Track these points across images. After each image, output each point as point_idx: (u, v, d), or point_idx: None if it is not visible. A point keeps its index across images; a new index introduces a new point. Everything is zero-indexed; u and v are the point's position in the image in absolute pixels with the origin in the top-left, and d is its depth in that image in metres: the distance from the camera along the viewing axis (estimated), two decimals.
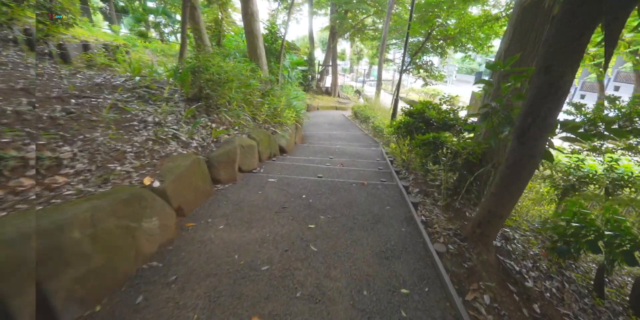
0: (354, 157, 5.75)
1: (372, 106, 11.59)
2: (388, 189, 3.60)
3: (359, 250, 2.29)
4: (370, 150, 6.45)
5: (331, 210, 2.92)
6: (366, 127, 9.71)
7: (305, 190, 3.42)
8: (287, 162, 4.94)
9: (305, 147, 6.54)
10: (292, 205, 2.97)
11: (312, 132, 8.97)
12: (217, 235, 2.32)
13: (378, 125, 8.17)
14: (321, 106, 14.63)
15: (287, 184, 3.58)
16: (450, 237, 2.91)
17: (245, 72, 6.17)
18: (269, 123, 6.03)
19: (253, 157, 4.16)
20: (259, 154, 4.57)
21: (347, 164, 4.99)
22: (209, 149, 3.46)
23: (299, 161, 5.05)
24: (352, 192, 3.43)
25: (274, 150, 5.29)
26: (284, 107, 6.75)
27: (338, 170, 4.44)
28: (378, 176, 4.25)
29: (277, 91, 7.34)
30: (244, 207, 2.84)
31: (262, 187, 3.41)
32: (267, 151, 4.92)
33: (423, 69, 10.50)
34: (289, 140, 5.96)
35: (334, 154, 5.91)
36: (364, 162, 5.12)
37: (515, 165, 2.21)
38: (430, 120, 4.45)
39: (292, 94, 9.24)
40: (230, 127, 4.55)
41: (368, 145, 7.21)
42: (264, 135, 4.83)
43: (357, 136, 8.46)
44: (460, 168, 3.48)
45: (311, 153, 5.97)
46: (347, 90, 19.07)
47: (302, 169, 4.41)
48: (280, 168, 4.40)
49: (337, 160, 5.18)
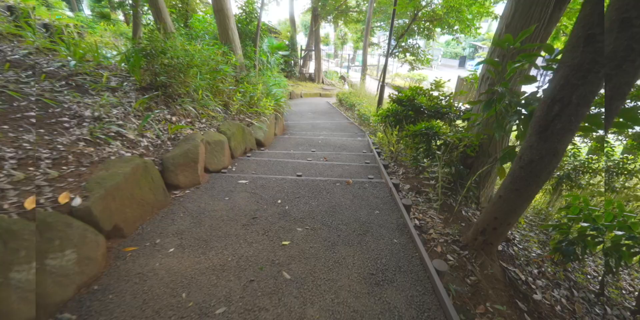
0: (339, 150, 5.28)
1: (357, 93, 11.03)
2: (376, 188, 3.16)
3: (344, 274, 1.85)
4: (355, 140, 5.98)
5: (310, 219, 2.46)
6: (351, 115, 9.20)
7: (282, 193, 2.93)
8: (264, 157, 4.42)
9: (286, 138, 6.00)
10: (265, 215, 2.48)
11: (295, 122, 8.40)
12: (163, 263, 1.82)
13: (364, 113, 7.68)
14: (304, 93, 13.96)
15: (261, 186, 3.07)
16: (449, 244, 2.51)
17: (216, 57, 5.50)
18: (244, 114, 5.44)
19: (223, 154, 3.62)
20: (231, 150, 4.02)
21: (330, 158, 4.51)
22: (164, 149, 2.89)
23: (278, 156, 4.53)
24: (336, 194, 2.96)
25: (250, 144, 4.74)
26: (261, 95, 6.14)
27: (320, 166, 3.96)
28: (365, 172, 3.80)
29: (253, 78, 6.70)
30: (205, 220, 2.33)
31: (231, 191, 2.90)
32: (241, 146, 4.37)
33: (409, 53, 9.96)
34: (267, 132, 5.40)
35: (317, 146, 5.41)
36: (349, 156, 4.65)
37: (532, 165, 1.78)
38: (420, 108, 3.99)
39: (272, 80, 8.59)
40: (197, 120, 3.96)
41: (354, 135, 6.74)
42: (236, 128, 4.26)
43: (342, 125, 7.96)
44: (455, 162, 3.06)
45: (292, 146, 5.44)
46: (331, 76, 18.32)
47: (280, 166, 3.90)
48: (255, 166, 3.87)
49: (319, 154, 4.69)
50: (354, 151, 5.18)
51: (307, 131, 7.23)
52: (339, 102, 11.17)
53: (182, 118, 3.72)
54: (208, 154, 3.39)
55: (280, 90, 7.91)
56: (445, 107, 3.75)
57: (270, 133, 5.80)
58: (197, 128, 3.76)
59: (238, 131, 4.29)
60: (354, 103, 9.27)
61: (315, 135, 6.66)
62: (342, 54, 27.26)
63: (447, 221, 2.88)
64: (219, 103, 4.76)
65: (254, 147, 4.90)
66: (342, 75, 19.25)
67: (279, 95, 7.45)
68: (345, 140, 5.95)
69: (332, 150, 5.25)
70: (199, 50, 5.06)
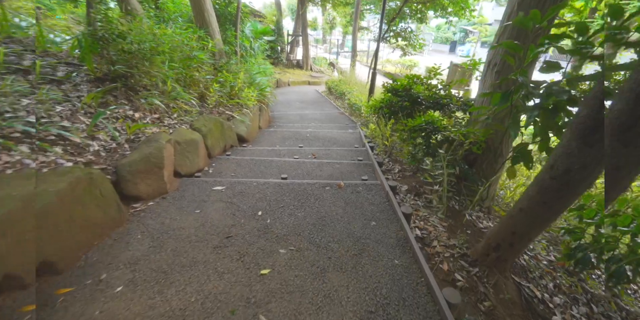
0: (329, 144, 4.86)
1: (347, 80, 10.51)
2: (371, 192, 2.79)
3: (336, 314, 1.49)
4: (346, 133, 5.57)
5: (296, 236, 2.07)
6: (341, 105, 8.74)
7: (263, 202, 2.52)
8: (246, 156, 3.98)
9: (272, 132, 5.54)
10: (242, 232, 2.08)
11: (282, 112, 7.90)
12: (105, 309, 1.42)
13: (355, 102, 7.23)
14: (292, 81, 13.33)
15: (240, 193, 2.66)
16: (456, 259, 2.18)
17: (190, 42, 4.93)
18: (224, 106, 4.94)
19: (196, 155, 3.16)
20: (208, 149, 3.56)
21: (320, 155, 4.10)
22: (120, 153, 2.42)
23: (262, 154, 4.09)
24: (326, 201, 2.58)
25: (231, 140, 4.28)
26: (243, 85, 5.62)
27: (309, 164, 3.56)
28: (358, 171, 3.42)
29: (234, 65, 6.13)
30: (168, 242, 1.92)
31: (204, 201, 2.47)
32: (220, 143, 3.91)
33: (401, 37, 9.42)
34: (250, 126, 4.93)
35: (305, 141, 4.98)
36: (341, 151, 4.25)
37: (568, 175, 1.42)
38: (417, 99, 3.58)
39: (255, 68, 8.01)
40: (166, 116, 3.46)
41: (344, 127, 6.31)
42: (214, 123, 3.79)
43: (331, 115, 7.51)
44: (459, 162, 2.70)
45: (278, 141, 5.00)
46: (320, 62, 17.60)
47: (263, 165, 3.48)
48: (235, 166, 3.44)
49: (308, 150, 4.27)
50: (345, 146, 4.78)
51: (295, 123, 6.76)
52: (328, 90, 10.65)
53: (148, 114, 3.22)
54: (178, 155, 2.94)
55: (265, 78, 7.37)
56: (445, 98, 3.35)
57: (254, 126, 5.33)
58: (166, 125, 3.28)
59: (216, 127, 3.81)
60: (344, 91, 8.78)
61: (304, 127, 6.21)
62: (330, 40, 26.34)
63: (451, 229, 2.54)
64: (193, 95, 4.25)
65: (235, 144, 4.44)
66: (331, 61, 18.55)
67: (264, 84, 6.92)
68: (335, 133, 5.53)
69: (321, 144, 4.83)
70: (170, 34, 4.49)
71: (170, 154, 2.73)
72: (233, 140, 4.38)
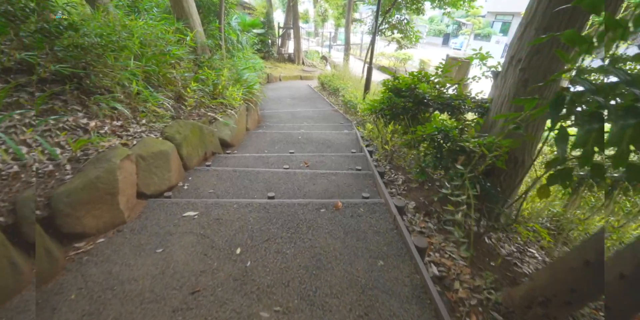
0: (323, 148, 4.36)
1: (340, 75, 9.95)
2: (375, 215, 2.31)
3: None
4: (341, 134, 5.07)
5: (283, 289, 1.59)
6: (335, 101, 8.20)
7: (244, 233, 2.03)
8: (228, 166, 3.46)
9: (260, 134, 5.01)
10: (212, 284, 1.59)
11: (272, 110, 7.34)
12: None
13: (350, 99, 6.71)
14: (284, 76, 12.69)
15: (216, 219, 2.16)
16: (486, 309, 1.72)
17: (165, 35, 4.34)
18: (206, 107, 4.38)
19: (167, 169, 2.64)
20: (183, 160, 3.03)
21: (313, 163, 3.60)
22: (59, 178, 1.88)
23: (247, 162, 3.57)
24: (321, 230, 2.09)
25: (212, 147, 3.74)
26: (227, 82, 5.05)
27: (300, 176, 3.06)
28: (357, 184, 2.93)
29: (218, 61, 5.54)
30: (110, 306, 1.42)
31: (170, 234, 1.97)
32: (199, 152, 3.38)
33: (397, 29, 8.87)
34: (235, 129, 4.39)
35: (297, 145, 4.46)
36: (336, 158, 3.75)
37: None
38: (424, 99, 3.09)
39: (243, 63, 7.40)
40: (132, 122, 2.91)
41: (339, 127, 5.81)
42: (191, 129, 3.25)
43: (325, 113, 6.98)
44: (480, 179, 2.23)
45: (266, 145, 4.47)
46: (312, 56, 16.91)
47: (248, 178, 2.97)
48: (215, 180, 2.93)
49: (299, 157, 3.76)
50: (340, 150, 4.28)
51: (286, 122, 6.23)
52: (321, 85, 10.08)
53: (108, 122, 2.67)
54: (143, 173, 2.41)
55: (253, 74, 6.78)
56: (457, 99, 2.87)
57: (241, 128, 4.79)
58: (131, 134, 2.73)
59: (193, 133, 3.28)
60: (338, 87, 8.23)
61: (295, 127, 5.68)
62: (322, 33, 25.53)
63: (472, 260, 2.09)
64: (168, 96, 3.69)
65: (218, 150, 3.91)
66: (323, 55, 17.87)
67: (252, 81, 6.35)
68: (329, 134, 5.02)
69: (314, 149, 4.33)
70: (141, 26, 3.89)
71: (130, 174, 2.20)
72: (215, 147, 3.85)
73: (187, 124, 3.27)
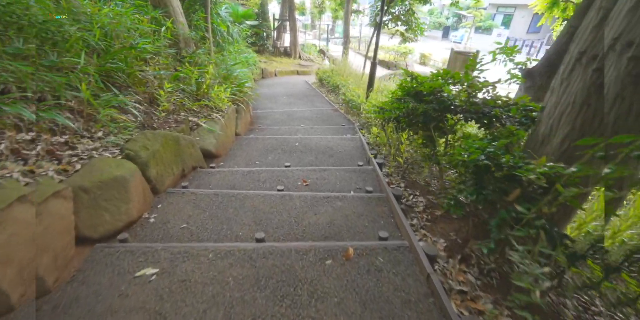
0: (324, 159, 3.72)
1: (340, 70, 9.23)
2: (399, 269, 1.70)
3: None
4: (344, 140, 4.43)
5: None
6: (335, 99, 7.52)
7: (219, 307, 1.40)
8: (210, 185, 2.82)
9: (252, 140, 4.35)
10: None
11: (266, 110, 6.66)
12: None
13: (351, 98, 6.05)
14: (279, 71, 11.93)
15: (182, 282, 1.53)
16: None
17: (138, 25, 3.66)
18: (187, 110, 3.72)
19: (125, 200, 2.00)
20: (152, 183, 2.39)
21: (313, 180, 2.97)
22: None
23: (233, 181, 2.93)
24: (329, 301, 1.47)
25: (192, 161, 3.09)
26: (213, 81, 4.37)
27: (298, 202, 2.43)
28: (370, 215, 2.31)
29: (204, 55, 4.84)
30: None
31: (109, 314, 1.35)
32: (174, 169, 2.73)
33: (401, 21, 8.15)
34: (221, 136, 3.73)
35: (294, 154, 3.82)
36: (341, 174, 3.12)
37: None
38: (451, 105, 2.45)
39: (234, 57, 6.68)
40: (85, 136, 2.26)
41: (341, 130, 5.16)
42: (163, 141, 2.60)
43: (324, 113, 6.32)
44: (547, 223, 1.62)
45: (258, 154, 3.83)
46: (309, 50, 16.07)
47: (232, 207, 2.34)
48: (191, 209, 2.29)
49: (296, 172, 3.12)
50: (344, 161, 3.65)
51: (282, 125, 5.57)
52: (320, 81, 9.38)
53: (46, 137, 2.01)
54: (86, 210, 1.78)
55: (245, 70, 6.08)
56: (496, 105, 2.23)
57: (229, 134, 4.13)
58: (77, 155, 2.08)
59: (166, 146, 2.63)
60: (338, 84, 7.55)
61: (292, 131, 5.03)
62: (320, 25, 24.57)
63: None
64: (139, 99, 3.02)
65: (200, 164, 3.26)
66: (321, 48, 17.06)
67: (244, 78, 5.66)
68: (330, 140, 4.38)
69: (314, 159, 3.69)
70: (104, 14, 3.21)
71: (61, 217, 1.56)
72: (196, 160, 3.20)
73: (157, 135, 2.61)
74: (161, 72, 3.56)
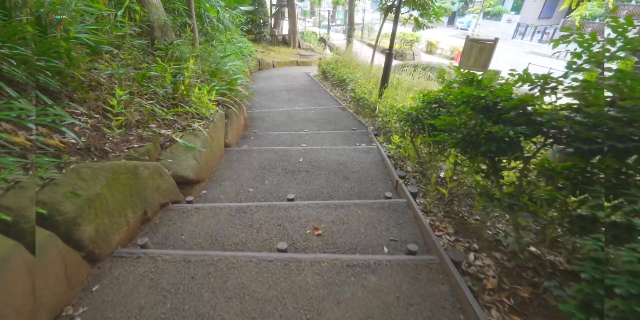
0: (337, 184, 2.82)
1: (345, 61, 8.19)
2: None
3: None
4: (359, 151, 3.53)
5: None
6: (342, 95, 6.55)
7: None
8: (180, 239, 1.96)
9: (244, 154, 3.45)
10: None
11: (263, 109, 5.72)
12: None
13: (363, 96, 5.11)
14: (277, 62, 10.86)
15: None
16: None
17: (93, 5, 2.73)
18: (158, 120, 2.82)
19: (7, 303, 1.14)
20: (85, 248, 1.52)
21: (327, 225, 2.09)
22: None
23: (216, 225, 2.05)
24: None
25: (159, 197, 2.20)
26: (194, 81, 3.45)
27: (308, 272, 1.58)
28: (423, 302, 1.46)
29: (183, 47, 3.88)
30: None
31: None
32: (129, 217, 1.84)
33: (415, 5, 7.08)
34: (204, 154, 2.83)
35: (297, 176, 2.94)
36: (364, 214, 2.22)
37: None
38: (552, 128, 1.56)
39: (223, 49, 5.69)
40: None
41: (352, 137, 4.24)
42: (107, 179, 1.70)
43: (331, 113, 5.39)
44: None
45: (252, 176, 2.94)
46: (309, 38, 14.83)
47: (207, 287, 1.47)
48: (143, 297, 1.43)
49: (303, 211, 2.23)
50: (365, 188, 2.76)
51: (281, 129, 4.65)
52: (322, 74, 8.36)
53: None
54: None
55: (238, 63, 5.10)
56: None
57: (215, 149, 3.22)
58: None
59: (113, 186, 1.74)
60: (345, 78, 6.56)
61: (294, 138, 4.12)
62: (320, 11, 23.13)
63: None
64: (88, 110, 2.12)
65: (174, 197, 2.38)
66: (321, 36, 15.83)
67: (236, 73, 4.72)
68: (342, 152, 3.49)
69: (324, 184, 2.81)
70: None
71: None
72: (167, 194, 2.32)
73: (99, 170, 1.72)
74: (121, 71, 2.64)
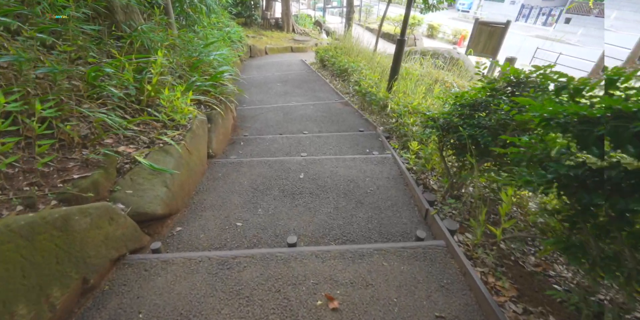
0: (349, 213, 2.17)
1: (345, 47, 7.34)
2: None
3: None
4: (371, 162, 2.88)
5: None
6: (343, 87, 5.80)
7: None
8: None
9: (232, 168, 2.78)
10: None
11: (255, 105, 4.98)
12: None
13: (369, 90, 4.39)
14: (270, 48, 9.91)
15: None
16: None
17: None
18: (112, 135, 2.12)
19: None
20: None
21: (346, 292, 1.48)
22: None
23: (192, 300, 1.43)
24: None
25: (107, 252, 1.53)
26: (165, 78, 2.73)
27: None
28: None
29: (153, 35, 3.12)
30: None
31: None
32: (51, 296, 1.20)
33: None
34: (177, 177, 2.15)
35: (298, 200, 2.28)
36: (394, 269, 1.61)
37: None
38: None
39: (207, 35, 4.88)
40: None
41: (360, 141, 3.57)
42: (8, 250, 1.04)
43: (332, 110, 4.67)
44: None
45: (241, 203, 2.28)
46: (303, 21, 13.68)
47: None
48: None
49: (311, 264, 1.62)
50: (384, 219, 2.13)
51: (276, 131, 3.95)
52: (320, 62, 7.52)
53: None
54: None
55: (224, 52, 4.32)
56: None
57: (193, 166, 2.53)
58: None
59: (16, 261, 1.08)
60: (347, 67, 5.78)
61: (292, 145, 3.44)
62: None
63: None
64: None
65: (133, 244, 1.72)
66: (317, 20, 14.69)
67: (222, 64, 3.97)
68: (351, 164, 2.84)
69: (332, 212, 2.17)
70: None
71: None
72: (120, 244, 1.66)
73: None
74: (55, 70, 1.90)
